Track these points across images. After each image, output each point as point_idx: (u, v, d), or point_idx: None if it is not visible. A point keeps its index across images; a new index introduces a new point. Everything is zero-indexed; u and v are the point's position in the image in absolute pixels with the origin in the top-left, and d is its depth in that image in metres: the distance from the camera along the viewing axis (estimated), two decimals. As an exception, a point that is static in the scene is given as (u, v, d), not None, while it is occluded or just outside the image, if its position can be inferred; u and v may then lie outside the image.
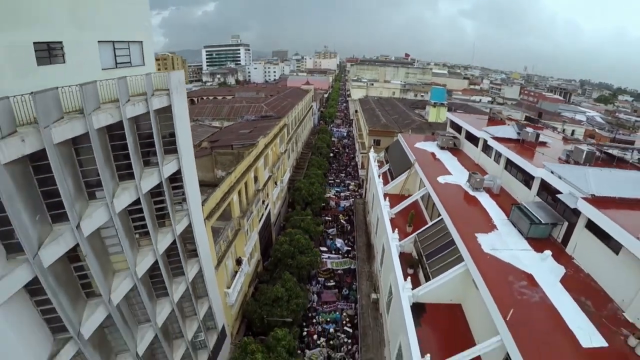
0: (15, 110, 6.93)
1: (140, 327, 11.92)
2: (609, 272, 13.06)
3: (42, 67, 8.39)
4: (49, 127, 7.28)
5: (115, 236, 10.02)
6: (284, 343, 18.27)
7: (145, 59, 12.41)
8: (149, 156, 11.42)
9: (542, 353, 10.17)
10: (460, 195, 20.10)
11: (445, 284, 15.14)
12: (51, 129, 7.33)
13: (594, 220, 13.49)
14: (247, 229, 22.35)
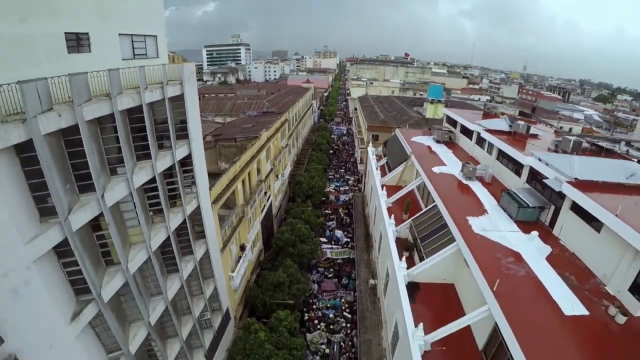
0: (52, 90, 7.84)
1: (152, 299, 12.83)
2: (592, 249, 13.97)
3: (71, 55, 9.34)
4: (81, 105, 8.22)
5: (132, 210, 10.95)
6: (285, 323, 19.21)
7: (159, 51, 13.37)
8: (162, 140, 12.36)
9: (526, 320, 11.05)
10: (453, 184, 21.04)
11: (438, 264, 16.08)
12: (83, 108, 8.26)
13: (577, 201, 14.43)
14: (250, 216, 23.28)
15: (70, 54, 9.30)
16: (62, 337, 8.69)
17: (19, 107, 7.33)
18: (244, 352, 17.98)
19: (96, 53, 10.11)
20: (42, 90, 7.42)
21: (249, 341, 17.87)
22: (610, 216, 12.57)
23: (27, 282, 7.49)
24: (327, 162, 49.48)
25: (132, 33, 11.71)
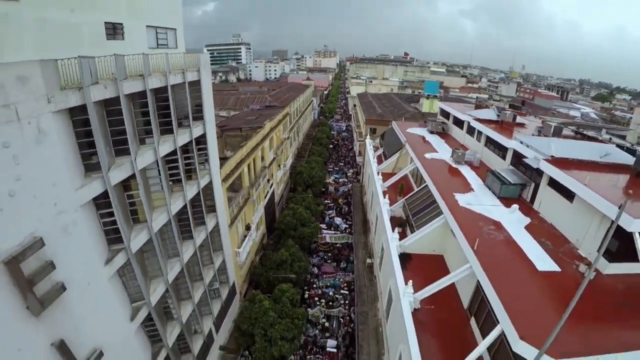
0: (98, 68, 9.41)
1: (170, 261, 14.39)
2: (566, 218, 15.52)
3: (109, 41, 10.95)
4: (122, 81, 9.81)
5: (157, 177, 12.52)
6: (287, 295, 20.79)
7: (177, 43, 15.00)
8: (181, 119, 13.95)
9: (503, 274, 12.58)
10: (444, 168, 22.64)
11: (427, 235, 17.67)
12: (122, 83, 9.85)
13: (552, 176, 16.06)
14: (255, 198, 24.87)
15: (108, 40, 10.91)
16: (97, 277, 10.24)
17: (70, 80, 8.86)
18: (249, 320, 19.58)
19: (128, 41, 11.73)
20: (92, 66, 9.00)
21: (254, 309, 19.46)
22: (580, 186, 14.18)
23: (75, 223, 9.05)
24: (327, 155, 51.09)
25: (156, 25, 13.35)
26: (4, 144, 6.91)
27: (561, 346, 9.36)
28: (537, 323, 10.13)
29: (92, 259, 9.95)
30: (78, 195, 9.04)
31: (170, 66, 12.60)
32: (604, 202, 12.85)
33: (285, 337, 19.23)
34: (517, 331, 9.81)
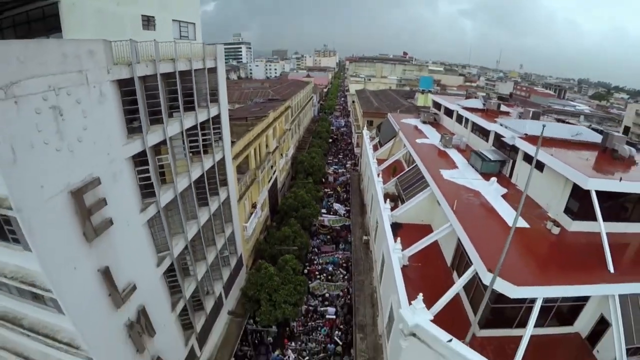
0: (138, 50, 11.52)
1: (189, 222, 16.46)
2: (538, 186, 17.56)
3: (144, 30, 13.08)
4: (159, 62, 11.96)
5: (181, 146, 14.63)
6: (291, 264, 22.91)
7: (196, 35, 17.16)
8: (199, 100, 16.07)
9: (478, 228, 14.68)
10: (433, 151, 24.81)
11: (416, 206, 19.82)
12: (159, 64, 12.00)
13: (525, 150, 18.26)
14: (260, 180, 27.00)
15: (143, 30, 13.05)
16: (134, 221, 12.32)
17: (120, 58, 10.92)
18: (256, 286, 21.71)
19: (158, 32, 13.89)
20: (137, 48, 11.12)
21: (260, 276, 21.59)
22: (548, 157, 16.35)
23: (121, 172, 11.16)
24: (326, 147, 53.21)
25: (180, 20, 15.53)
26: (77, 101, 9.03)
27: (521, 278, 11.55)
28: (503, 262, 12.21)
29: (131, 205, 12.08)
30: (124, 150, 11.18)
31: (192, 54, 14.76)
32: (566, 167, 15.05)
33: (288, 301, 21.35)
34: (485, 266, 11.94)
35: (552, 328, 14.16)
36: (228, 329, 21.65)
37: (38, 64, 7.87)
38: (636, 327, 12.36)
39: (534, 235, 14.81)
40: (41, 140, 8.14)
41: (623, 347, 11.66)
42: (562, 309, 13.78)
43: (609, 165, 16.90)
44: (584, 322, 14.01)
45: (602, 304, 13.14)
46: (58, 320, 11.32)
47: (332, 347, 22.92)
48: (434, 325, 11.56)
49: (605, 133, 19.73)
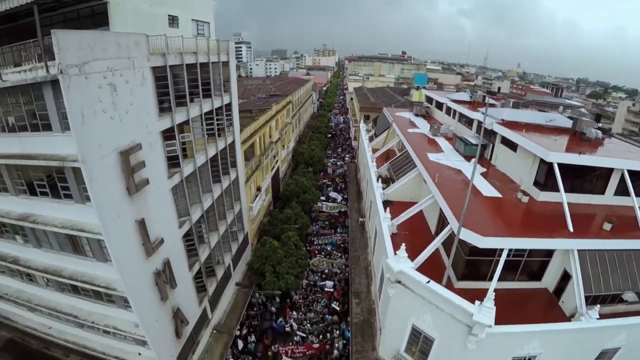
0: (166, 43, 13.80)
1: (204, 195, 18.74)
2: (512, 164, 19.90)
3: (170, 28, 15.40)
4: (184, 55, 14.28)
5: (199, 127, 16.95)
6: (293, 240, 25.19)
7: (210, 33, 19.46)
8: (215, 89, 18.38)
9: (455, 197, 16.87)
10: (422, 138, 27.11)
11: (405, 185, 22.12)
12: (185, 55, 14.32)
13: (502, 134, 20.55)
14: (264, 166, 29.30)
15: (169, 27, 15.38)
16: (163, 185, 14.62)
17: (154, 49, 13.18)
18: (261, 259, 23.98)
19: (181, 29, 16.22)
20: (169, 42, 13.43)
21: (265, 249, 23.88)
22: (519, 137, 18.68)
23: (155, 142, 13.46)
24: (325, 141, 55.51)
25: (198, 19, 17.87)
26: (126, 81, 11.33)
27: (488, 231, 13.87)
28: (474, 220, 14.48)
29: (162, 171, 14.39)
30: (158, 124, 13.50)
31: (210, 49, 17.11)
32: (533, 144, 17.40)
33: (290, 273, 23.65)
34: (457, 220, 14.20)
35: (523, 283, 16.34)
36: (236, 298, 23.95)
37: (101, 49, 10.18)
38: (593, 278, 14.63)
39: (505, 203, 17.17)
40: (101, 109, 10.46)
41: (582, 295, 13.97)
42: (530, 264, 15.98)
43: (576, 145, 19.24)
44: (550, 278, 16.23)
45: (564, 260, 15.32)
46: (95, 270, 13.73)
47: (329, 318, 25.19)
48: (415, 271, 13.88)
49: (574, 119, 22.10)
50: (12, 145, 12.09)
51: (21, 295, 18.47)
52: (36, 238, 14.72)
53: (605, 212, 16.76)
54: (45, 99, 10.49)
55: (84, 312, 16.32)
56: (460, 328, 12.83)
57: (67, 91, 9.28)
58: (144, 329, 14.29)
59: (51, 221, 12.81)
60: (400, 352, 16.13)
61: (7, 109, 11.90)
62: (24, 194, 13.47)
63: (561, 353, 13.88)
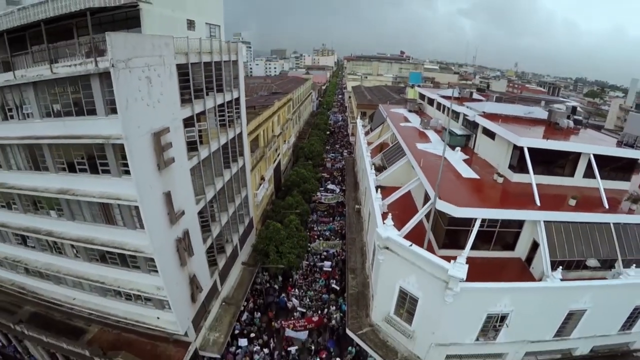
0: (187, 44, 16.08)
1: (217, 178, 21.03)
2: (491, 151, 22.24)
3: (188, 31, 17.67)
4: (202, 54, 16.58)
5: (213, 118, 19.24)
6: (294, 223, 27.50)
7: (221, 35, 21.74)
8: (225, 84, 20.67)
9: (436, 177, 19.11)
10: (413, 131, 29.46)
11: (395, 172, 24.40)
12: (203, 54, 16.62)
13: (482, 124, 22.89)
14: (267, 157, 31.61)
15: (187, 30, 17.67)
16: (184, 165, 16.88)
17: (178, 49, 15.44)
18: (265, 240, 26.26)
19: (197, 32, 18.48)
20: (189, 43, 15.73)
21: (269, 231, 26.17)
22: (497, 127, 21.04)
23: (179, 127, 15.76)
24: (324, 137, 57.85)
25: (210, 23, 20.17)
26: (158, 75, 13.61)
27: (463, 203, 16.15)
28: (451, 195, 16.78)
29: (183, 153, 16.67)
30: (181, 112, 15.82)
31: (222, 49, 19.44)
32: (507, 132, 19.76)
33: (292, 252, 25.94)
34: (439, 195, 16.49)
35: (498, 252, 18.57)
36: (242, 275, 26.25)
37: (141, 48, 12.49)
38: (558, 245, 16.84)
39: (481, 183, 19.54)
40: (140, 97, 12.76)
41: (548, 260, 16.20)
42: (503, 235, 18.19)
43: (549, 133, 21.60)
44: (522, 248, 18.41)
45: (534, 232, 17.51)
46: (124, 237, 15.99)
47: (326, 297, 27.46)
48: (400, 237, 16.18)
49: (550, 110, 24.46)
50: (58, 128, 14.37)
51: (50, 267, 20.50)
52: (71, 212, 16.95)
53: (574, 192, 18.94)
54: (92, 89, 12.76)
55: (110, 279, 18.50)
56: (439, 285, 15.04)
57: (116, 82, 11.57)
58: (166, 290, 16.55)
59: (89, 193, 15.08)
60: (390, 314, 18.40)
61: (55, 97, 14.22)
62: (63, 171, 15.75)
63: (531, 312, 15.83)
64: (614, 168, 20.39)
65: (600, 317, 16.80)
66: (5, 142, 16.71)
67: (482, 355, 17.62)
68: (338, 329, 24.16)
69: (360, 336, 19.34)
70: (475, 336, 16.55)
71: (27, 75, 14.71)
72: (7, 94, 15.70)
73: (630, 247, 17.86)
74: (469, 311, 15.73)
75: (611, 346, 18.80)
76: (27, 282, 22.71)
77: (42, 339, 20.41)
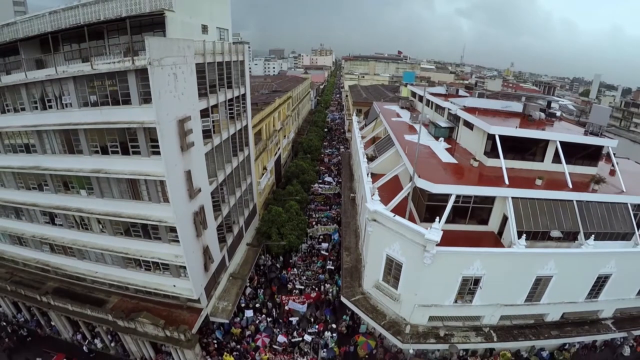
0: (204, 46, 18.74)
1: (226, 164, 23.71)
2: (470, 140, 25.02)
3: (202, 34, 20.34)
4: (216, 54, 19.29)
5: (224, 111, 21.94)
6: (295, 208, 30.22)
7: (229, 38, 24.42)
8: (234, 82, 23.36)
9: (422, 164, 21.91)
10: (403, 125, 32.25)
11: (385, 160, 27.17)
12: (216, 55, 19.34)
13: (463, 117, 25.66)
14: (269, 149, 34.33)
15: (202, 34, 20.36)
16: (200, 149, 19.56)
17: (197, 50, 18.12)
18: (268, 223, 28.95)
19: (210, 35, 21.18)
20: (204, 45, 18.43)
21: (272, 214, 28.87)
22: (474, 118, 23.82)
23: (197, 117, 18.42)
24: (322, 134, 60.60)
25: (220, 27, 22.87)
26: (182, 72, 16.31)
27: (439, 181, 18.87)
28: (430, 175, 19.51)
29: (200, 139, 19.36)
30: (199, 104, 18.53)
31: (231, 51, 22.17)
32: (481, 122, 22.55)
33: (292, 233, 28.66)
34: (418, 174, 19.19)
35: (474, 226, 21.23)
36: (247, 254, 28.93)
37: (170, 50, 15.20)
38: (524, 218, 19.45)
39: (459, 166, 22.36)
40: (169, 90, 15.48)
41: (515, 230, 18.82)
42: (477, 210, 20.86)
43: (521, 124, 24.31)
44: (494, 223, 21.06)
45: (504, 207, 20.16)
46: (149, 210, 18.60)
47: (322, 277, 30.10)
48: (386, 210, 18.89)
49: (524, 104, 27.26)
50: (95, 115, 16.98)
51: (76, 243, 22.84)
52: (100, 190, 19.47)
53: (544, 175, 21.34)
54: (128, 82, 15.44)
55: (133, 250, 20.96)
56: (418, 249, 17.67)
57: (152, 77, 14.27)
58: (185, 257, 19.20)
59: (121, 171, 17.72)
60: (379, 280, 21.10)
61: (92, 89, 16.87)
62: (96, 154, 18.35)
63: (502, 276, 18.43)
64: (581, 155, 23.00)
65: (566, 284, 19.24)
66: (43, 128, 19.25)
67: (461, 317, 20.31)
68: (334, 301, 26.80)
69: (353, 302, 22.06)
70: (454, 298, 19.21)
71: (68, 71, 17.27)
72: (48, 87, 18.31)
73: (592, 221, 20.33)
74: (446, 273, 18.33)
75: (581, 313, 21.23)
76: (51, 260, 24.98)
77: (67, 307, 22.73)
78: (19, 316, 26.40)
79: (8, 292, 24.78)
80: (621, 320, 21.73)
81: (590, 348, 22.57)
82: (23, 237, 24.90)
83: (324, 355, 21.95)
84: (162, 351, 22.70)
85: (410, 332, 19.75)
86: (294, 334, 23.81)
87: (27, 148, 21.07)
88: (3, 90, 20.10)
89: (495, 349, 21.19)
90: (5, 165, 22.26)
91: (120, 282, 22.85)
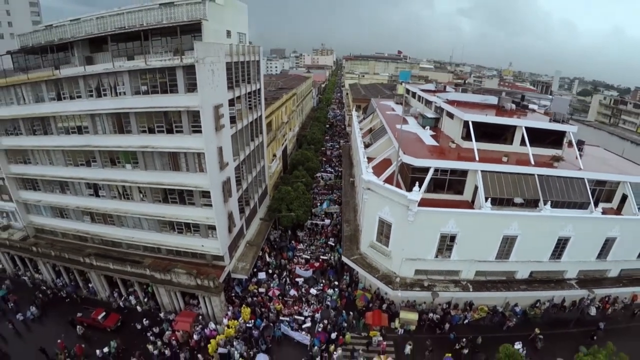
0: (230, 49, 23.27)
1: (245, 147, 28.24)
2: (451, 128, 29.45)
3: (227, 39, 24.88)
4: (239, 54, 23.85)
5: (244, 102, 26.40)
6: (301, 188, 34.71)
7: (246, 41, 28.93)
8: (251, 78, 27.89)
9: (408, 146, 26.37)
10: (396, 117, 36.59)
11: (379, 145, 31.62)
12: (239, 55, 23.89)
13: (445, 108, 30.12)
14: (278, 138, 38.89)
15: (227, 38, 24.90)
16: (228, 132, 24.19)
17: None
18: (278, 201, 33.44)
19: (232, 39, 25.71)
20: (230, 47, 22.98)
21: (281, 193, 33.38)
22: (453, 109, 28.28)
23: (226, 105, 23.01)
24: (324, 129, 65.13)
25: (239, 32, 27.40)
26: (217, 69, 20.86)
27: (420, 156, 23.34)
28: (413, 152, 23.99)
29: (228, 123, 23.86)
30: (227, 95, 23.11)
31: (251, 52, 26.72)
32: (457, 111, 27.01)
33: (300, 209, 33.14)
34: (403, 151, 23.66)
35: (451, 195, 25.37)
36: (260, 227, 33.47)
37: (209, 51, 19.77)
38: (492, 187, 23.55)
39: (439, 148, 26.82)
40: (208, 83, 20.06)
41: (483, 195, 23.00)
42: (453, 182, 25.03)
43: (493, 113, 28.65)
44: (468, 193, 25.25)
45: (475, 179, 24.28)
46: (187, 179, 23.09)
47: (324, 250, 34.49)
48: (378, 179, 23.37)
49: (499, 97, 31.70)
50: (145, 101, 21.44)
51: (118, 210, 27.07)
52: (144, 163, 23.81)
53: (512, 155, 25.19)
54: (176, 76, 19.98)
55: (169, 214, 25.31)
56: (403, 210, 22.03)
57: (198, 72, 18.87)
58: (215, 218, 23.69)
59: (165, 146, 22.24)
60: (373, 241, 25.52)
61: (144, 81, 21.35)
62: (143, 133, 22.80)
63: (473, 235, 22.45)
64: (548, 140, 27.03)
65: (530, 244, 23.02)
66: (98, 112, 23.44)
67: (442, 271, 24.49)
68: (336, 265, 31.30)
69: (353, 261, 26.51)
70: (434, 253, 23.43)
71: (124, 65, 21.65)
72: (104, 79, 22.55)
73: (551, 192, 24.20)
74: (427, 230, 22.50)
75: (547, 273, 24.91)
76: (90, 229, 29.11)
77: (108, 266, 26.63)
78: (57, 281, 29.64)
79: (52, 258, 28.20)
80: (584, 281, 25.18)
81: (560, 307, 25.59)
82: (67, 208, 28.88)
83: (328, 304, 26.40)
84: (190, 303, 26.96)
85: (400, 282, 24.08)
86: (302, 290, 28.27)
87: (79, 130, 24.90)
88: (61, 81, 24.27)
89: (474, 304, 25.36)
90: (57, 145, 26.28)
91: (155, 244, 27.03)
